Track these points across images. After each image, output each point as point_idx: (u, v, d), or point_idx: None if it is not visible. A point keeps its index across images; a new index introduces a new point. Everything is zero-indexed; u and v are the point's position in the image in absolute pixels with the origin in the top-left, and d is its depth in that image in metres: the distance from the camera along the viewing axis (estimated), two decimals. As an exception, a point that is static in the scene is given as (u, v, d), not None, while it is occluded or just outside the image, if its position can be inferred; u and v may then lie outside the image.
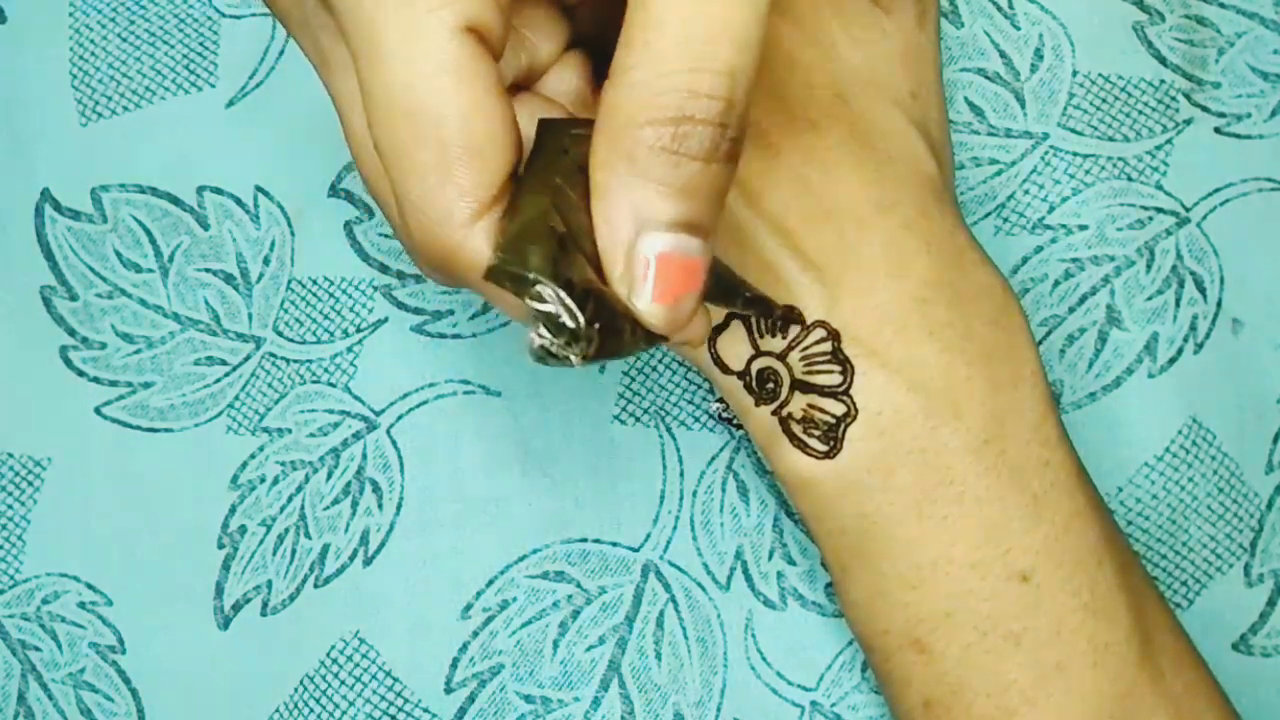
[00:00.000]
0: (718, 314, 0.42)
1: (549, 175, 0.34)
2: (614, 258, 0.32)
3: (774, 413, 0.42)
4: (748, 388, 0.42)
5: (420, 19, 0.31)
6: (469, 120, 0.32)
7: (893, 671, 0.42)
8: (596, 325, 0.32)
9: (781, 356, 0.41)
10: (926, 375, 0.40)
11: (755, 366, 0.42)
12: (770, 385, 0.42)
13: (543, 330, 0.32)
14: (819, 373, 0.41)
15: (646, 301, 0.32)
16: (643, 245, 0.32)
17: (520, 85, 0.38)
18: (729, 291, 0.38)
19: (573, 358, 0.32)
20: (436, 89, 0.32)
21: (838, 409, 0.40)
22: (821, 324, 0.40)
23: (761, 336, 0.41)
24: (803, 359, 0.41)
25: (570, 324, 0.32)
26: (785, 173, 0.41)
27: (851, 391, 0.40)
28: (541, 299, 0.32)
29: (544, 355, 0.32)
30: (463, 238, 0.33)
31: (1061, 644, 0.40)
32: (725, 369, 0.42)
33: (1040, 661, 0.40)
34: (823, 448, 0.41)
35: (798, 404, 0.41)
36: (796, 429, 0.41)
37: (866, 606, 0.42)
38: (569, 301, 0.32)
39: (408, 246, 0.34)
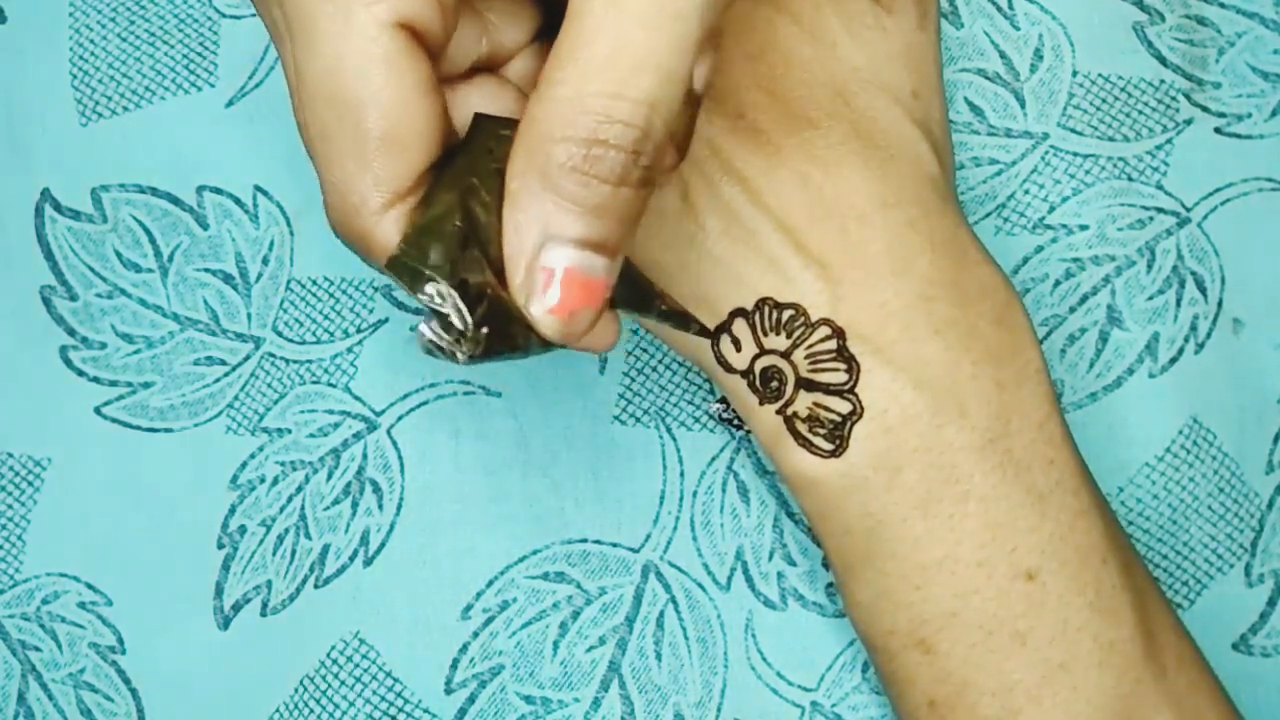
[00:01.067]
0: (721, 313, 0.42)
1: (468, 172, 0.35)
2: (516, 265, 0.34)
3: (778, 411, 0.42)
4: (751, 387, 0.42)
5: (356, 11, 0.32)
6: (392, 113, 0.33)
7: (897, 671, 0.42)
8: (484, 329, 0.33)
9: (786, 355, 0.41)
10: (932, 373, 0.40)
11: (759, 365, 0.42)
12: (775, 384, 0.42)
13: (434, 325, 0.33)
14: (824, 370, 0.41)
15: (542, 312, 0.34)
16: (545, 257, 0.33)
17: (482, 68, 0.39)
18: (644, 301, 0.38)
19: (458, 355, 0.33)
20: (363, 80, 0.33)
21: (843, 407, 0.40)
22: (826, 322, 0.40)
23: (765, 335, 0.41)
24: (807, 357, 0.41)
25: (458, 324, 0.33)
26: (787, 170, 0.41)
27: (857, 389, 0.40)
28: (434, 297, 0.33)
29: (431, 349, 0.33)
30: (374, 224, 0.34)
31: (1066, 643, 0.40)
32: (729, 368, 0.42)
33: (1045, 660, 0.40)
34: (828, 446, 0.41)
35: (803, 403, 0.41)
36: (801, 427, 0.41)
37: (871, 606, 0.42)
38: (459, 303, 0.33)
39: (329, 220, 0.35)
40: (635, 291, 0.38)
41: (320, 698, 0.49)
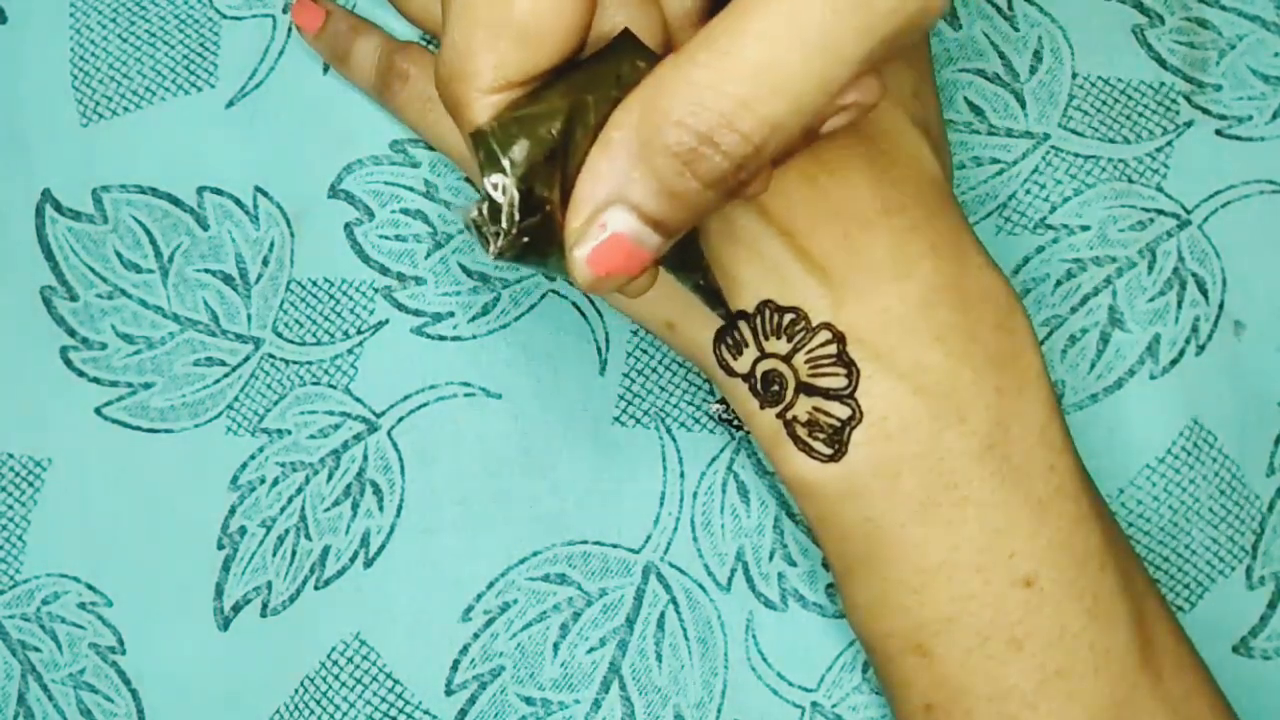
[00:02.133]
0: (715, 321, 0.42)
1: (586, 87, 0.34)
2: (580, 209, 0.34)
3: (778, 415, 0.41)
4: (752, 390, 0.42)
5: None
6: (538, 8, 0.33)
7: (894, 675, 0.42)
8: (526, 239, 0.34)
9: (787, 359, 0.41)
10: (932, 379, 0.40)
11: (760, 369, 0.42)
12: (775, 388, 0.41)
13: (484, 209, 0.33)
14: (824, 375, 0.40)
15: (582, 259, 0.34)
16: (609, 214, 0.33)
17: None
18: (688, 268, 0.38)
19: (490, 246, 0.34)
20: None
21: (843, 412, 0.40)
22: (827, 326, 0.40)
23: (767, 339, 0.41)
24: (808, 361, 0.41)
25: (504, 224, 0.33)
26: (791, 174, 0.41)
27: (857, 395, 0.40)
28: (497, 188, 0.33)
29: (470, 226, 0.34)
30: (474, 98, 0.34)
31: (1063, 649, 0.40)
32: (730, 371, 0.42)
33: (1042, 667, 0.40)
34: (827, 451, 0.40)
35: (802, 407, 0.41)
36: (801, 432, 0.41)
37: (869, 609, 0.42)
38: (516, 206, 0.33)
39: (436, 70, 0.35)
40: (684, 257, 0.38)
41: (321, 699, 0.49)
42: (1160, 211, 0.50)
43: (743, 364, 0.42)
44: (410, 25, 0.50)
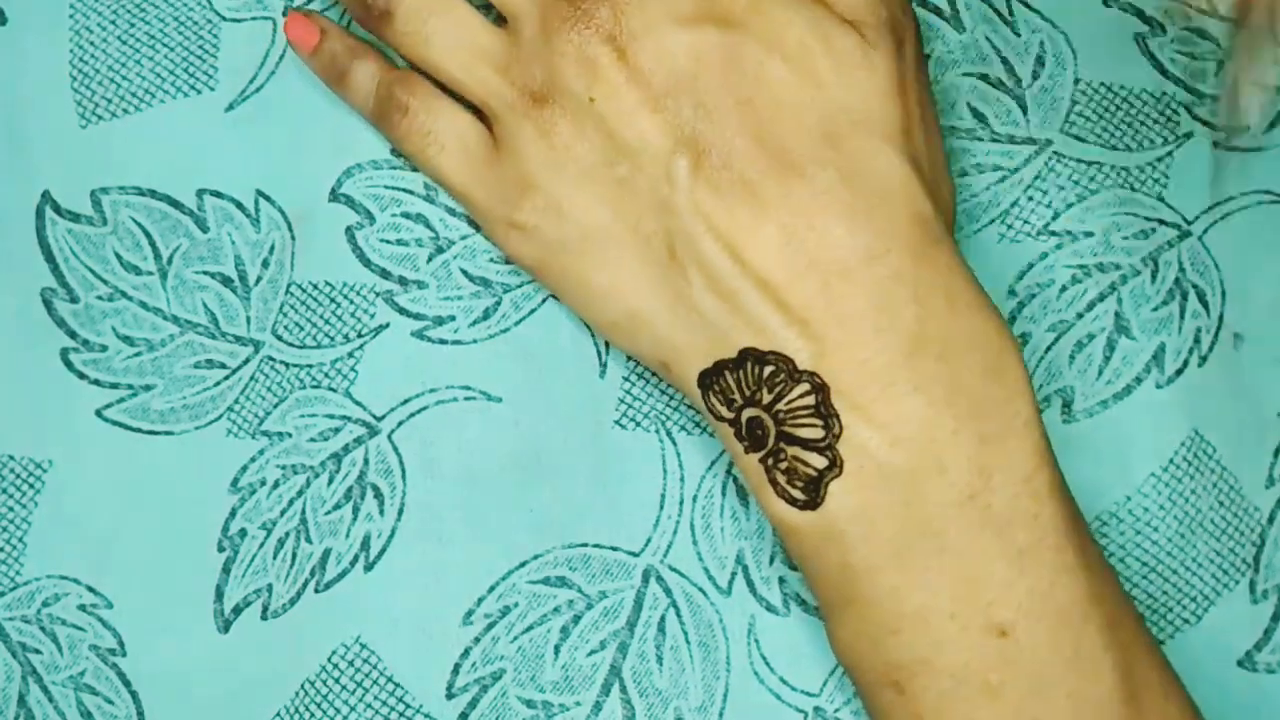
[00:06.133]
0: (708, 361, 0.43)
1: None
2: None
3: (760, 460, 0.42)
4: (737, 435, 0.42)
5: None
6: None
7: (874, 704, 0.43)
8: None
9: (768, 409, 0.41)
10: (910, 431, 0.40)
11: (745, 416, 0.42)
12: (759, 433, 0.42)
13: None
14: (802, 427, 0.41)
15: None
16: None
17: None
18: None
19: None
20: None
21: (820, 462, 0.41)
22: (808, 378, 0.41)
23: (749, 389, 0.42)
24: (787, 412, 0.41)
25: None
26: (771, 226, 0.41)
27: (837, 445, 0.41)
28: None
29: None
30: None
31: (1041, 699, 0.40)
32: (718, 416, 0.43)
33: (1018, 713, 0.40)
34: (804, 498, 0.41)
35: (783, 454, 0.41)
36: (780, 479, 0.41)
37: (849, 644, 0.43)
38: None
39: None
40: None
41: (321, 702, 0.49)
42: (1162, 221, 0.50)
43: (728, 410, 0.43)
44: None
